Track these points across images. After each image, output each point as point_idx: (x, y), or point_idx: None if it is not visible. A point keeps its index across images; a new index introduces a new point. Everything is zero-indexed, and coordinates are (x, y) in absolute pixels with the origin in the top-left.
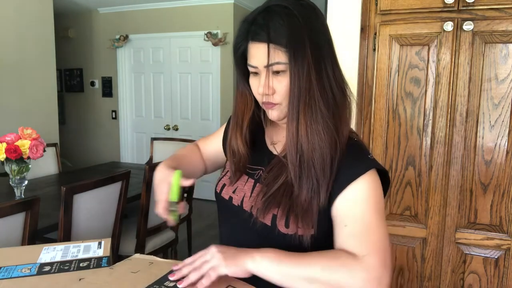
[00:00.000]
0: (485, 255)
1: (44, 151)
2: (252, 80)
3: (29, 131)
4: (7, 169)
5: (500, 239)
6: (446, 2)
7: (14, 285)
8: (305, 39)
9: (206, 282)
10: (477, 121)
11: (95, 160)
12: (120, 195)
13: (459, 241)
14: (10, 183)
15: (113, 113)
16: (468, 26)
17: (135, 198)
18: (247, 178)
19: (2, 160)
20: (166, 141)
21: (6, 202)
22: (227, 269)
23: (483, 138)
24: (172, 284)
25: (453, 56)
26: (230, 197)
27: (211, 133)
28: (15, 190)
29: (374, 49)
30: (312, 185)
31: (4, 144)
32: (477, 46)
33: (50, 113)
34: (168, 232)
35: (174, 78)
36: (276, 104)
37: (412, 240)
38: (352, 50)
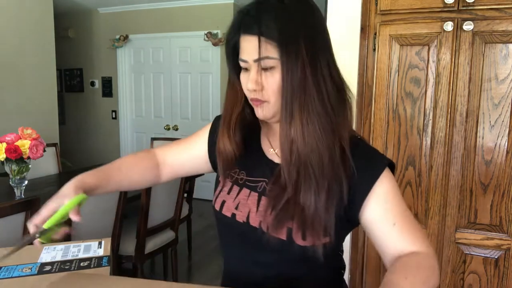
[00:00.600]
0: (485, 255)
1: (44, 151)
2: (242, 76)
3: (29, 131)
4: (7, 169)
5: (500, 239)
6: (446, 2)
7: (15, 284)
8: (299, 34)
9: None
10: (477, 121)
11: (95, 160)
12: (120, 195)
13: (459, 241)
14: (10, 183)
15: (113, 113)
16: (468, 26)
17: (135, 198)
18: (248, 191)
19: (2, 160)
20: (166, 141)
21: (6, 202)
22: None
23: (483, 138)
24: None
25: (453, 56)
26: (233, 214)
27: None
28: (15, 190)
29: (374, 49)
30: (313, 188)
31: (4, 144)
32: (477, 46)
33: (50, 113)
34: (168, 232)
35: (174, 78)
36: (263, 102)
37: None
38: (352, 50)
